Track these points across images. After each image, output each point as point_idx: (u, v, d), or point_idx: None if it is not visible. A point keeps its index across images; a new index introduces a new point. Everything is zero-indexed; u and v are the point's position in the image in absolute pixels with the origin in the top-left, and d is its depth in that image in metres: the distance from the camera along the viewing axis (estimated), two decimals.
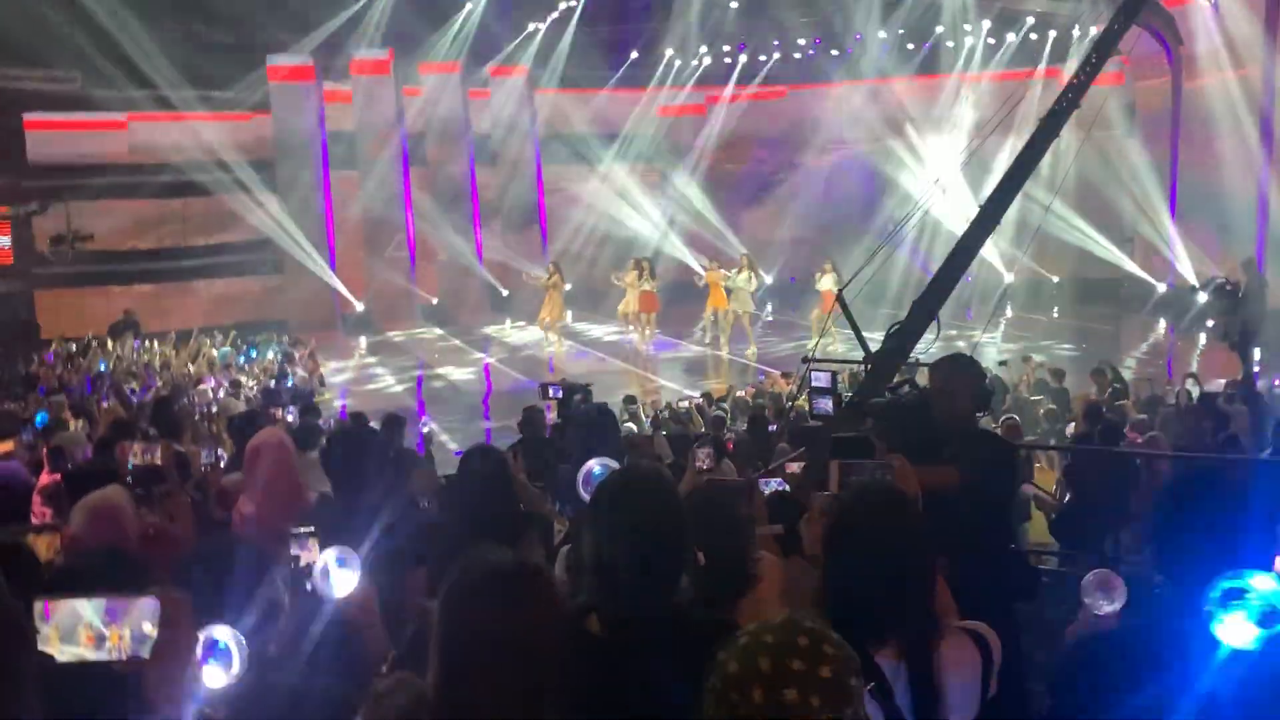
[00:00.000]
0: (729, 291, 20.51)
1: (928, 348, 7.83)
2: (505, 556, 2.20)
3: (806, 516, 3.45)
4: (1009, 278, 20.46)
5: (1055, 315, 22.45)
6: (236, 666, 2.21)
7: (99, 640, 1.83)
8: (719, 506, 3.32)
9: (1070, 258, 22.68)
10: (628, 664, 2.37)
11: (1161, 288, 21.28)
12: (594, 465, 4.06)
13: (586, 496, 3.80)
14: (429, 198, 25.48)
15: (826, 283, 19.44)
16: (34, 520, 5.72)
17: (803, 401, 9.55)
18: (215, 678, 2.20)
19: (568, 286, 22.32)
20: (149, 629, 1.82)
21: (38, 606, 1.82)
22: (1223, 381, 12.95)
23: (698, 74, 26.84)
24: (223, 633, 2.21)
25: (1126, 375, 14.32)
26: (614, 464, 3.98)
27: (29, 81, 21.58)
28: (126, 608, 1.84)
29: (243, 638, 2.22)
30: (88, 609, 1.83)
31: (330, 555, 2.97)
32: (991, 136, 9.85)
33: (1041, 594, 5.90)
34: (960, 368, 5.01)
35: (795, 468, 6.35)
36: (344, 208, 24.76)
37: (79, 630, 1.83)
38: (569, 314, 23.21)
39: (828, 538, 2.66)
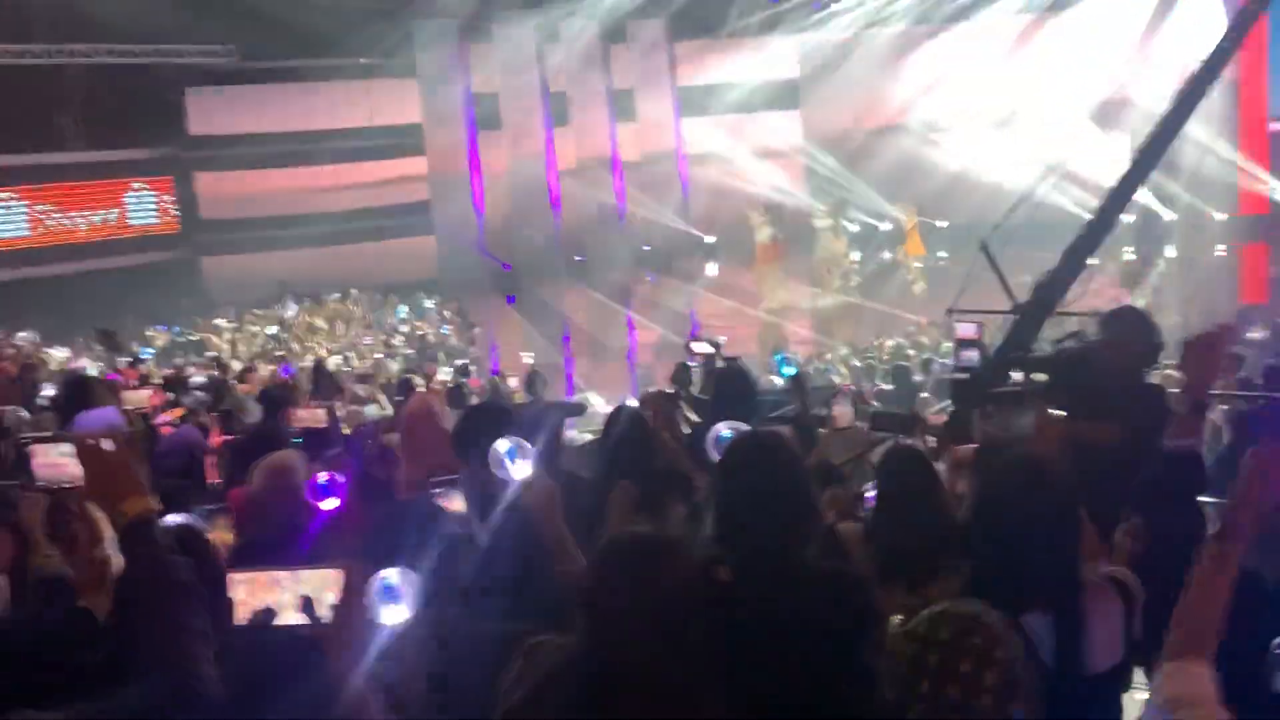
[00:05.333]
0: None
1: (1077, 296, 7.67)
2: (646, 530, 2.37)
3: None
4: (1169, 215, 19.57)
5: (1219, 253, 21.48)
6: (408, 606, 2.34)
7: (287, 608, 2.03)
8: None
9: (1231, 193, 21.62)
10: (753, 609, 2.51)
11: None
12: (721, 429, 4.15)
13: (715, 457, 3.91)
14: (574, 155, 25.71)
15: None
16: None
17: (948, 352, 9.46)
18: (391, 616, 2.33)
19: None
20: (331, 597, 2.02)
21: (230, 579, 2.02)
22: None
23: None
24: (392, 575, 2.34)
25: None
26: (742, 427, 4.07)
27: (188, 56, 22.57)
28: (310, 577, 2.04)
29: (414, 576, 2.36)
30: (269, 578, 2.03)
31: (503, 445, 3.14)
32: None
33: None
34: (1133, 322, 4.98)
35: (937, 419, 6.34)
36: (490, 169, 25.20)
37: (268, 599, 2.04)
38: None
39: (973, 512, 2.75)
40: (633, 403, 5.96)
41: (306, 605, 2.04)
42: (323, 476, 3.64)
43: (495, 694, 2.37)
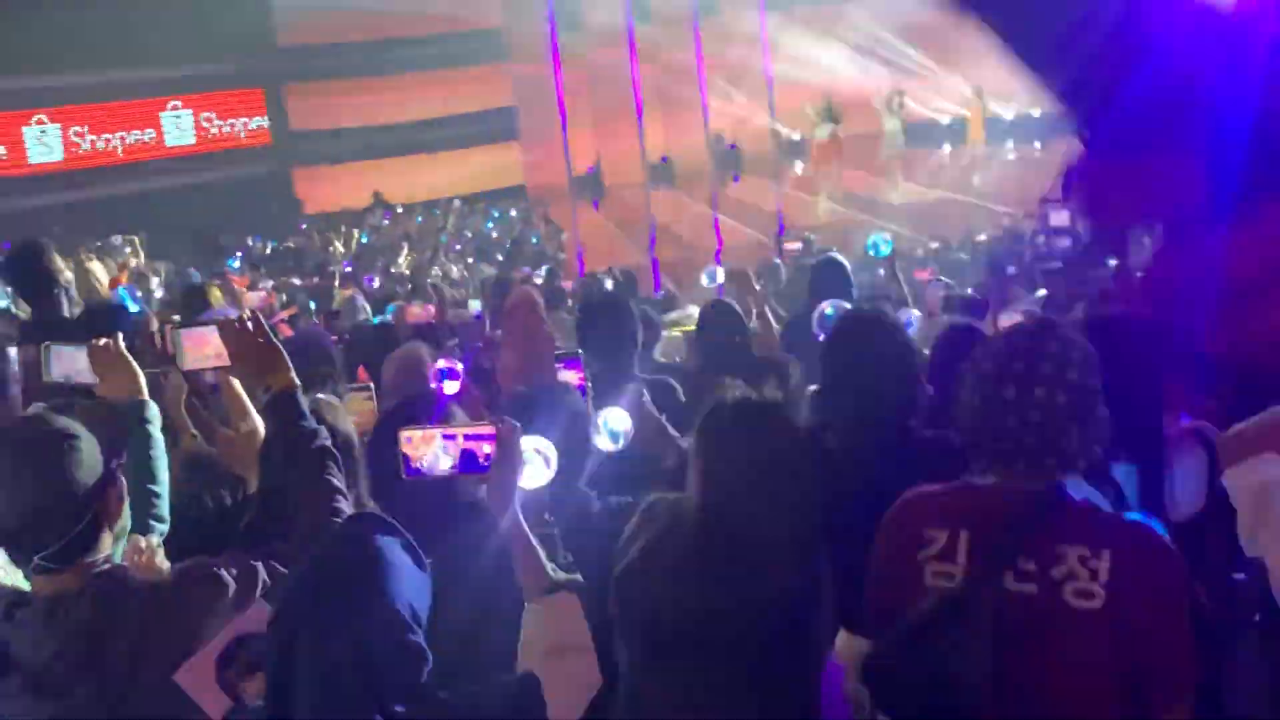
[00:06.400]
0: None
1: None
2: (748, 392, 2.53)
3: None
4: None
5: None
6: (551, 471, 2.51)
7: (451, 459, 2.26)
8: None
9: None
10: (858, 473, 2.66)
11: None
12: (825, 306, 4.30)
13: (820, 334, 4.06)
14: (657, 54, 25.42)
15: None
16: None
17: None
18: (533, 479, 2.49)
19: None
20: (487, 449, 2.25)
21: (401, 435, 2.25)
22: None
23: None
24: (536, 442, 2.54)
25: None
26: (845, 304, 4.21)
27: None
28: (466, 433, 2.26)
29: (553, 448, 2.54)
30: (435, 434, 2.26)
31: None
32: None
33: None
34: None
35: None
36: (572, 70, 25.05)
37: (432, 452, 2.26)
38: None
39: None
40: (725, 299, 6.11)
41: (467, 458, 2.26)
42: (442, 363, 3.88)
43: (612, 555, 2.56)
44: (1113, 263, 6.28)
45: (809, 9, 24.93)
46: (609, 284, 10.38)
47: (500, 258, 16.63)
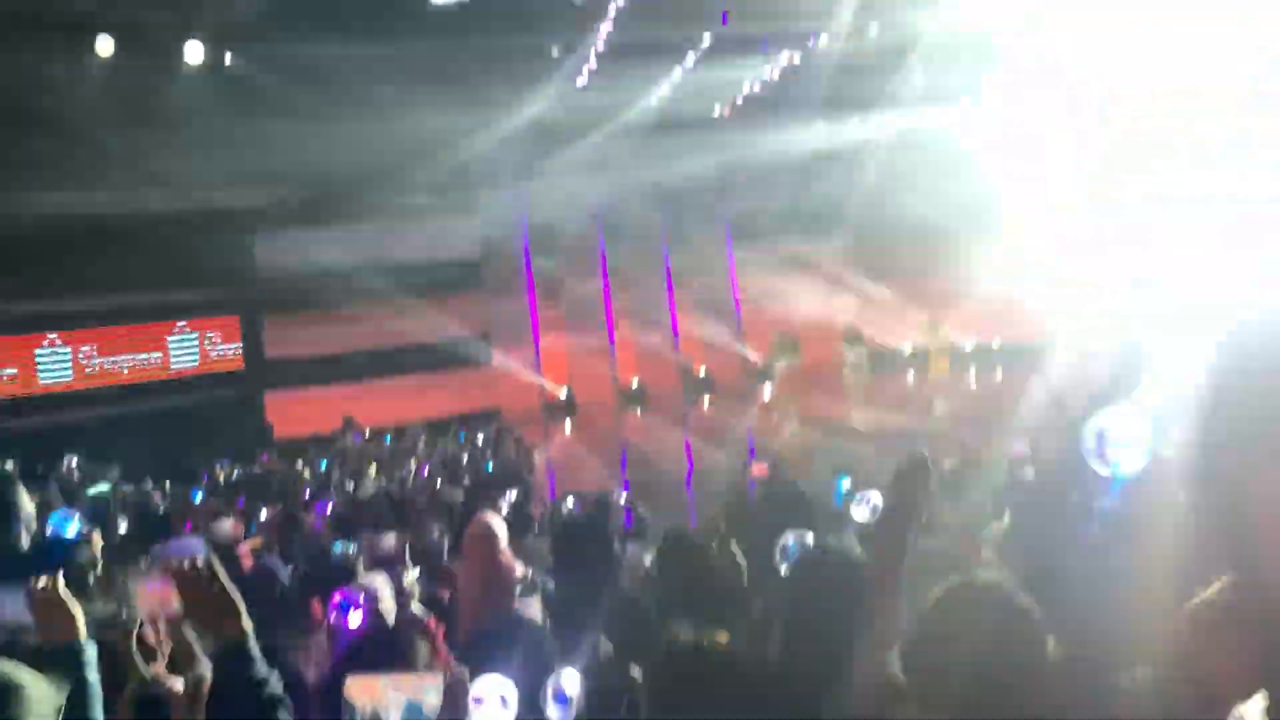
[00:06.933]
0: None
1: None
2: (700, 638, 2.52)
3: None
4: None
5: None
6: (510, 712, 2.49)
7: (396, 709, 2.21)
8: None
9: None
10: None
11: None
12: (788, 537, 4.30)
13: (783, 567, 4.06)
14: (625, 281, 26.17)
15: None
16: None
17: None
18: None
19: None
20: (434, 700, 2.21)
21: (346, 684, 2.21)
22: None
23: None
24: (494, 682, 2.50)
25: None
26: (806, 536, 4.22)
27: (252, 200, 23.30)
28: (413, 683, 2.22)
29: (513, 686, 2.50)
30: (381, 684, 2.22)
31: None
32: None
33: None
34: None
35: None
36: (546, 296, 25.75)
37: (379, 702, 2.22)
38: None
39: None
40: (688, 526, 6.11)
41: (413, 709, 2.21)
42: (337, 596, 3.81)
43: None
44: None
45: (774, 244, 25.76)
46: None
47: (466, 480, 16.56)
